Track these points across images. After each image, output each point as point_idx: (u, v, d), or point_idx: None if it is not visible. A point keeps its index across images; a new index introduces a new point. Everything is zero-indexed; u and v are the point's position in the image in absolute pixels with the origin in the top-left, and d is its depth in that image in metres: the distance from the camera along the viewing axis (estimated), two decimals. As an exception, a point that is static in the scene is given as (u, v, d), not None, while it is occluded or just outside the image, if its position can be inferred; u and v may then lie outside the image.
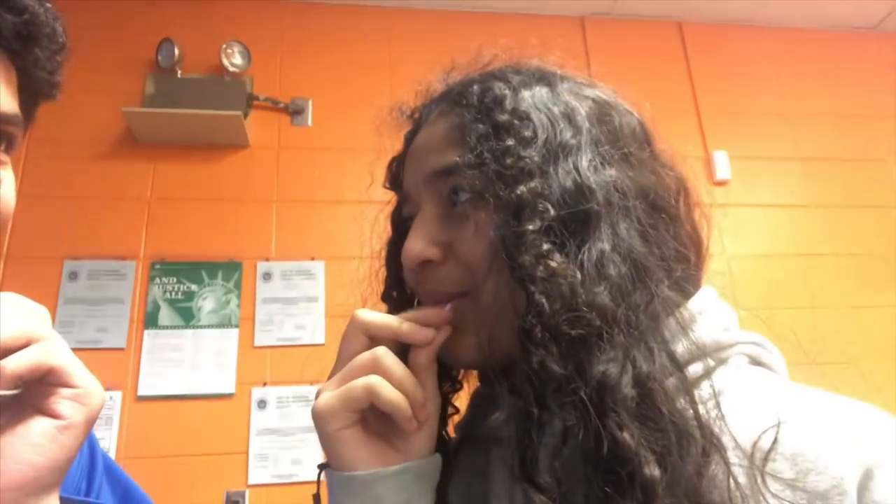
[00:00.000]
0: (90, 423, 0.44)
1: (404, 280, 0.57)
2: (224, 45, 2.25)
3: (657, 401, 0.42)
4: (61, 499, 0.44)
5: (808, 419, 0.43)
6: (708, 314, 0.50)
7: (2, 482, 0.40)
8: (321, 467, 0.51)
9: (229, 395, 1.99)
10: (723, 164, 2.52)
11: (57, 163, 2.12)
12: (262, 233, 2.19)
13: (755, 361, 0.51)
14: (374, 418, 0.49)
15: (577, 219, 0.47)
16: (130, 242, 2.11)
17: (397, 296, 0.61)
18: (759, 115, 2.67)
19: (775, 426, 0.42)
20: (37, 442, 0.41)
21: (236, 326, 2.07)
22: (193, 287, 2.09)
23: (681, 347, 0.46)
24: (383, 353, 0.48)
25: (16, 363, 0.40)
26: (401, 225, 0.59)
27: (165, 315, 2.05)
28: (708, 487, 0.40)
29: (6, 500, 0.40)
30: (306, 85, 2.38)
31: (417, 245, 0.51)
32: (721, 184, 2.52)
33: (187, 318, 2.06)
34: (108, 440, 1.85)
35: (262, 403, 1.99)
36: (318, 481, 0.52)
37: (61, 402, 0.43)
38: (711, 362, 0.47)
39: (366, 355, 0.48)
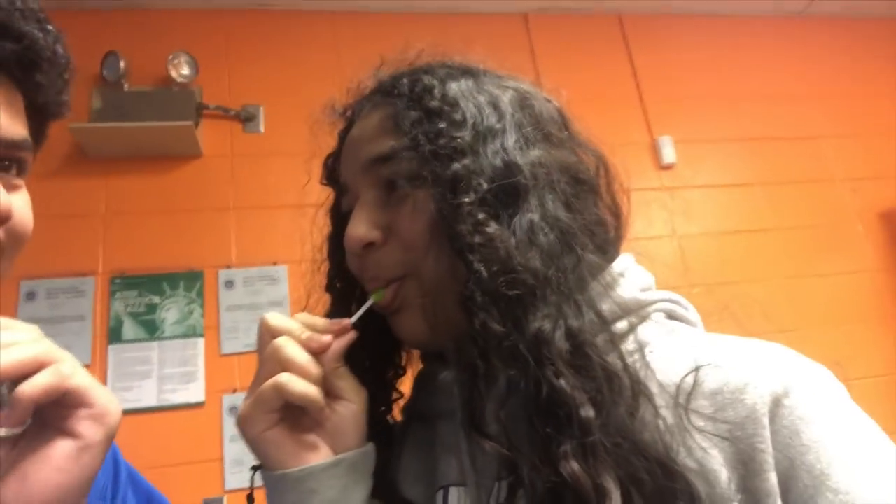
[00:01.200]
0: (109, 439, 0.45)
1: (347, 270, 0.60)
2: (171, 56, 2.23)
3: (588, 352, 0.47)
4: None
5: (723, 360, 0.48)
6: (628, 276, 0.55)
7: None
8: (254, 469, 0.53)
9: (199, 405, 1.99)
10: (668, 149, 2.61)
11: (6, 183, 2.07)
12: (222, 241, 2.19)
13: (672, 316, 0.57)
14: (301, 413, 0.51)
15: (508, 192, 0.51)
16: (88, 259, 2.08)
17: (341, 286, 0.64)
18: (700, 99, 2.77)
19: (695, 370, 0.47)
20: (60, 465, 0.42)
21: (202, 336, 2.07)
22: (156, 299, 2.08)
23: (606, 306, 0.51)
24: (283, 343, 0.49)
25: (32, 388, 0.41)
26: (340, 219, 0.61)
27: (129, 329, 2.04)
28: (639, 428, 0.45)
29: None
30: (256, 92, 2.38)
31: (360, 229, 0.54)
32: (667, 168, 2.61)
33: (151, 330, 2.05)
34: (77, 458, 1.83)
35: (233, 410, 1.99)
36: (252, 483, 0.54)
37: (80, 422, 0.43)
38: (635, 319, 0.53)
39: (268, 349, 0.50)
